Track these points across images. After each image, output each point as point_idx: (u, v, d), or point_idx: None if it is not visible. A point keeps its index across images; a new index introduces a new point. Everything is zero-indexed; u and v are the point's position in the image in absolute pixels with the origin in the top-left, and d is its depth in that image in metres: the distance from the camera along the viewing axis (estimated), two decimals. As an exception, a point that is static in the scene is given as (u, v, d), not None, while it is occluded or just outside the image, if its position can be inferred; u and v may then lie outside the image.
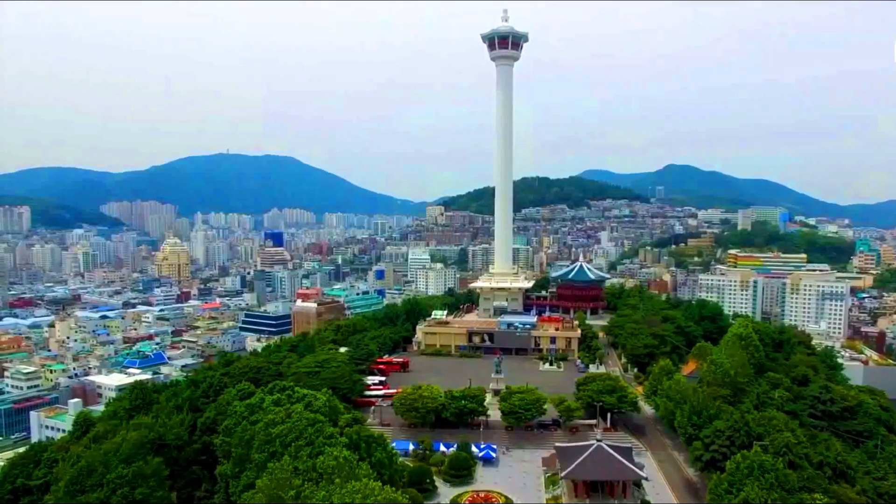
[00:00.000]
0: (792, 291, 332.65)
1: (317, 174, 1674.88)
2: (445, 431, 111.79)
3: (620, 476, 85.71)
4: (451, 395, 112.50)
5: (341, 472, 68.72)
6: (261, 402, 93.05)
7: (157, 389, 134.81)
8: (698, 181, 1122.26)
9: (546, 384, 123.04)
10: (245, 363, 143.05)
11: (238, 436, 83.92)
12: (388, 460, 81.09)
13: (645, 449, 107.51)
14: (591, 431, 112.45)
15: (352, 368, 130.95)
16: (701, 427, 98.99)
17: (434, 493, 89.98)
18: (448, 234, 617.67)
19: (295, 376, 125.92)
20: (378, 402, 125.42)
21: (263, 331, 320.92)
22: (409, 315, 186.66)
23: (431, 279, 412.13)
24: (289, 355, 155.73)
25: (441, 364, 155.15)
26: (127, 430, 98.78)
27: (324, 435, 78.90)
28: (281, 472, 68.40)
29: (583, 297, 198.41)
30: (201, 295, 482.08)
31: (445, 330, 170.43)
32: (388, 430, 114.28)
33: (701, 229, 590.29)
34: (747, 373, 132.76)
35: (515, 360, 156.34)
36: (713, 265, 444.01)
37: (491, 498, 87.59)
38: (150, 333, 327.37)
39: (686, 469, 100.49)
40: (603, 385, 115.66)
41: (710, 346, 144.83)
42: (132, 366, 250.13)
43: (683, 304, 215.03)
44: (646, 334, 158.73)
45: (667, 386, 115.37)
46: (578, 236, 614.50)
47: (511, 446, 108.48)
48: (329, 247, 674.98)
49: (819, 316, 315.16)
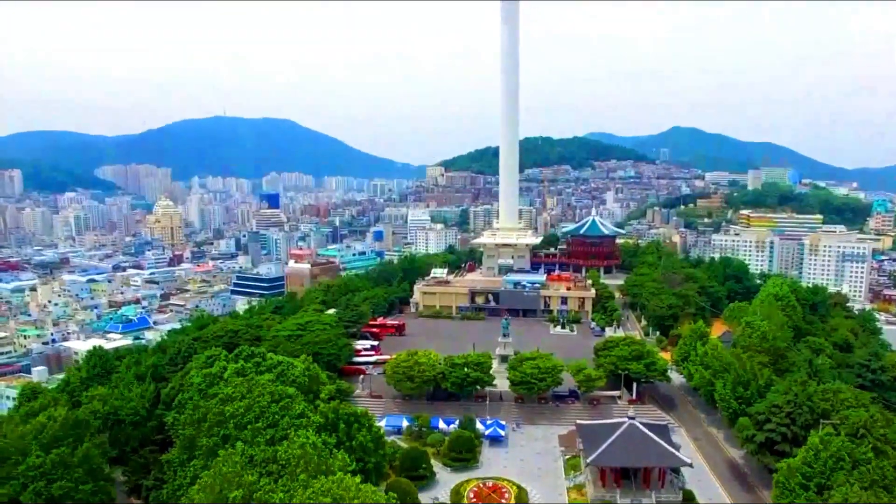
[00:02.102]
0: (810, 252, 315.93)
1: (315, 137, 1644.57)
2: (445, 405, 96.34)
3: (658, 462, 70.08)
4: (451, 361, 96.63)
5: (308, 463, 52.90)
6: (222, 372, 77.29)
7: (120, 356, 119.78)
8: (703, 144, 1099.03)
9: (558, 349, 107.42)
10: (220, 326, 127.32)
11: (188, 414, 68.30)
12: (372, 444, 65.39)
13: (677, 425, 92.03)
14: (615, 404, 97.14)
15: (339, 332, 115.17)
16: (749, 401, 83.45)
17: (431, 481, 74.53)
18: (448, 195, 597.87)
19: (273, 341, 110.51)
20: (368, 369, 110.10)
21: (255, 293, 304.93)
22: (406, 274, 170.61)
23: (432, 240, 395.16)
24: (271, 317, 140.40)
25: (441, 327, 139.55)
26: (68, 406, 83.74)
27: (292, 414, 63.02)
28: (230, 463, 52.63)
29: (596, 253, 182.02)
30: (194, 258, 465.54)
31: (446, 290, 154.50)
32: (378, 403, 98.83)
33: (709, 190, 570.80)
34: (786, 337, 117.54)
35: (523, 322, 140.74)
36: (724, 226, 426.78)
37: (500, 488, 72.12)
38: (136, 297, 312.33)
39: (728, 449, 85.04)
40: (628, 350, 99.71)
41: (746, 306, 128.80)
42: (114, 331, 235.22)
43: (704, 262, 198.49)
44: (668, 294, 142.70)
45: (702, 352, 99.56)
46: (582, 197, 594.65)
47: (522, 422, 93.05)
48: (326, 209, 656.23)
49: (839, 278, 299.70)
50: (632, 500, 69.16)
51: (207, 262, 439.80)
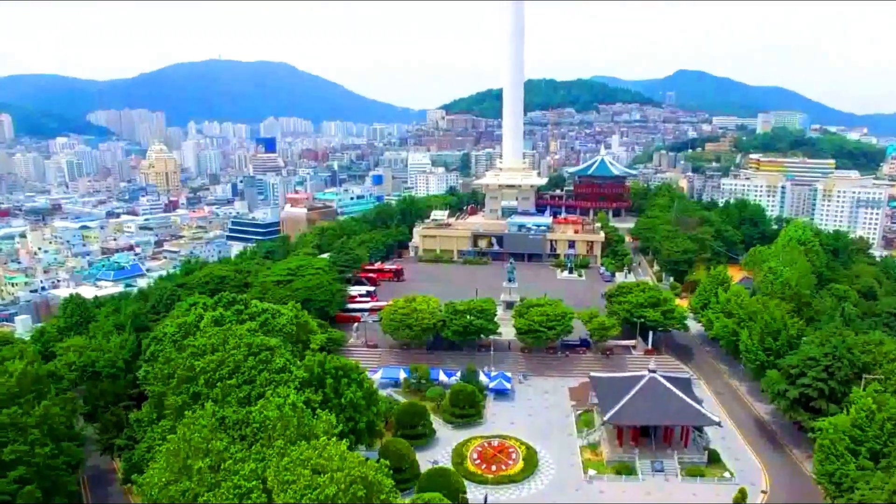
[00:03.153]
0: (824, 198, 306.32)
1: (314, 81, 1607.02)
2: (446, 355, 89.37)
3: (683, 420, 63.25)
4: (452, 308, 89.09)
5: (286, 427, 45.66)
6: (198, 321, 69.67)
7: (100, 304, 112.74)
8: (710, 87, 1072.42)
9: (566, 296, 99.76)
10: (207, 272, 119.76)
11: (158, 368, 60.96)
12: (364, 401, 58.17)
13: (696, 377, 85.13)
14: (629, 354, 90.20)
15: (332, 277, 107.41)
16: (778, 353, 76.17)
17: (430, 440, 67.92)
18: (450, 139, 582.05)
19: (261, 287, 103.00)
20: (363, 317, 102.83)
21: (251, 239, 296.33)
22: (405, 217, 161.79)
23: (432, 184, 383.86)
24: (262, 263, 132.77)
25: (441, 272, 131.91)
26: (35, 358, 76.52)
27: (272, 368, 55.52)
28: (196, 427, 45.39)
29: (604, 195, 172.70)
30: (190, 204, 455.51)
31: (446, 233, 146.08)
32: (374, 353, 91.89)
33: (716, 135, 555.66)
34: (810, 284, 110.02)
35: (528, 267, 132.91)
36: (733, 170, 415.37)
37: (506, 448, 65.49)
38: (130, 244, 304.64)
39: (753, 404, 78.30)
40: (643, 296, 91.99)
41: (767, 250, 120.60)
42: (105, 278, 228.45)
43: (718, 206, 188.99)
44: (682, 238, 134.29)
45: (723, 299, 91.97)
46: (587, 141, 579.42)
47: (529, 374, 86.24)
48: (325, 153, 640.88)
49: (853, 224, 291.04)
50: (652, 462, 62.65)
51: (203, 208, 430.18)
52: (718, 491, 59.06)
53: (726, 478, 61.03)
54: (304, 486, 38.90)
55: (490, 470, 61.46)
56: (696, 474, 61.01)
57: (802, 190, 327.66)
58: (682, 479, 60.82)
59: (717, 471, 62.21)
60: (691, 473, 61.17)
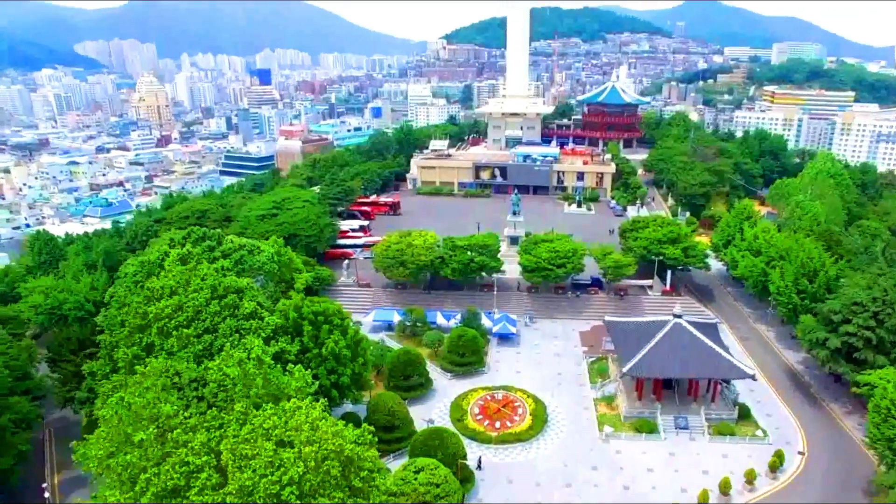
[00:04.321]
0: (842, 132, 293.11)
1: (311, 12, 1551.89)
2: (445, 296, 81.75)
3: (714, 373, 55.66)
4: (451, 244, 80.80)
5: (248, 387, 38.03)
6: (162, 260, 61.37)
7: (71, 242, 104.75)
8: (721, 17, 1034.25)
9: (574, 231, 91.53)
10: (188, 206, 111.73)
11: (111, 314, 53.17)
12: (348, 350, 50.48)
13: (719, 321, 77.37)
14: (646, 295, 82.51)
15: (321, 210, 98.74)
16: (815, 296, 68.20)
17: (426, 391, 60.78)
18: (451, 70, 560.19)
19: (244, 222, 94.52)
20: (355, 253, 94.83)
21: (245, 173, 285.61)
22: (403, 147, 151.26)
23: (433, 116, 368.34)
24: (248, 196, 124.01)
25: (441, 205, 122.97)
26: None
27: (241, 314, 47.60)
28: (139, 387, 37.77)
29: (615, 125, 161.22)
30: (183, 139, 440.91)
31: (447, 164, 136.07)
32: (366, 293, 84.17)
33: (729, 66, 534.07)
34: (839, 220, 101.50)
35: (533, 200, 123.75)
36: (745, 103, 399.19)
37: (511, 401, 58.29)
38: (120, 180, 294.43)
39: (783, 353, 70.83)
40: (661, 232, 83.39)
41: (795, 182, 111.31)
42: (92, 215, 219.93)
43: (736, 137, 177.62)
44: (700, 170, 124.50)
45: (750, 236, 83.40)
46: (593, 72, 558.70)
47: (536, 316, 78.68)
48: (322, 85, 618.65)
49: (872, 159, 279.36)
50: (675, 418, 55.56)
51: (196, 143, 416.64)
52: (751, 452, 52.13)
53: (759, 437, 54.01)
54: (266, 463, 31.44)
55: (493, 427, 54.44)
56: (726, 433, 53.97)
57: (819, 124, 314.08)
58: (709, 438, 53.85)
59: (748, 428, 55.16)
60: (720, 432, 54.14)
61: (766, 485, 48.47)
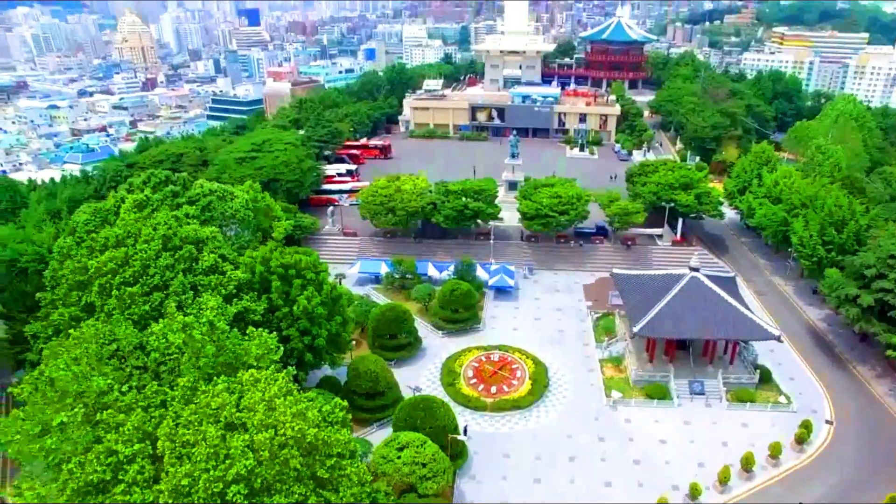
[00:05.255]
0: (856, 75, 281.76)
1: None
2: (438, 245, 75.47)
3: (735, 334, 49.83)
4: (445, 188, 74.08)
5: (196, 356, 32.06)
6: (118, 206, 54.67)
7: (34, 188, 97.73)
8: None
9: (576, 176, 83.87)
10: (163, 149, 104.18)
11: (52, 269, 46.81)
12: (323, 308, 44.35)
13: (733, 273, 71.50)
14: (655, 245, 76.32)
15: (304, 153, 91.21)
16: (842, 248, 62.07)
17: (414, 351, 55.07)
18: (447, 10, 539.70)
19: (220, 165, 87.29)
20: (341, 200, 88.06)
21: (233, 118, 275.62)
22: (395, 87, 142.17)
23: (429, 57, 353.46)
24: (230, 138, 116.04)
25: (435, 149, 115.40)
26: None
27: (199, 268, 41.30)
28: (68, 359, 31.77)
29: (620, 64, 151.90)
30: (169, 82, 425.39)
31: (441, 105, 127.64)
32: (352, 243, 77.82)
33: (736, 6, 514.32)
34: (862, 166, 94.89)
35: (534, 144, 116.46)
36: (754, 45, 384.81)
37: (509, 363, 52.74)
38: (103, 125, 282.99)
39: (804, 310, 65.08)
40: (673, 177, 76.61)
41: (816, 125, 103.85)
42: (73, 161, 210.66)
43: (748, 78, 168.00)
44: (711, 111, 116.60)
45: (769, 182, 76.68)
46: (594, 13, 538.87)
47: (536, 267, 72.68)
48: (314, 26, 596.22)
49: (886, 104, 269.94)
50: (690, 382, 50.19)
51: (183, 87, 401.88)
52: (774, 420, 47.01)
53: (782, 404, 48.80)
54: (209, 454, 25.65)
55: (489, 392, 49.05)
56: (745, 399, 48.71)
57: (831, 67, 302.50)
58: (727, 404, 48.61)
59: (769, 394, 49.91)
60: (739, 398, 48.88)
61: (792, 458, 43.46)
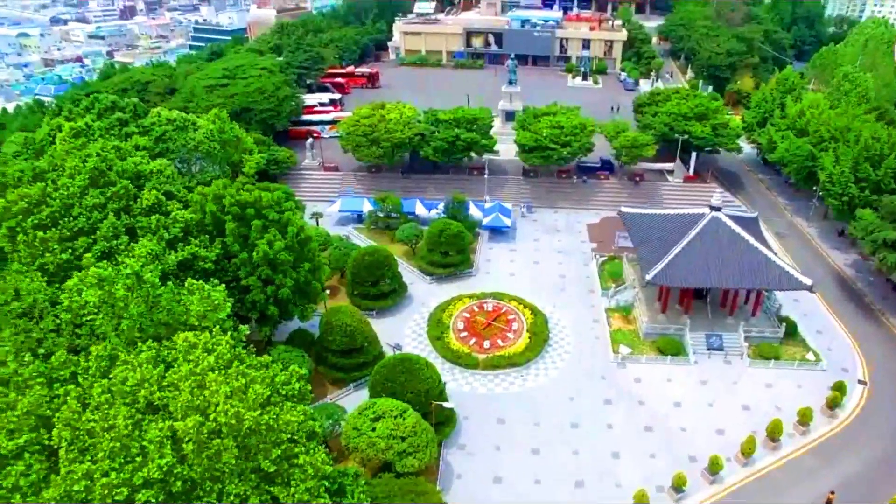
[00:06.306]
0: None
1: None
2: (427, 181, 68.55)
3: (759, 281, 43.83)
4: (434, 118, 66.64)
5: (119, 319, 25.92)
6: (53, 135, 47.43)
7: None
8: None
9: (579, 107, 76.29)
10: (127, 77, 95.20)
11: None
12: (288, 254, 37.87)
13: (752, 214, 65.17)
14: (665, 182, 69.60)
15: (281, 80, 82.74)
16: (878, 186, 55.57)
17: (398, 299, 49.10)
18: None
19: (187, 92, 79.11)
20: (322, 132, 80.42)
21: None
22: (383, 11, 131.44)
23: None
24: (203, 65, 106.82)
25: (427, 77, 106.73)
26: None
27: (134, 209, 34.66)
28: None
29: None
30: (150, 10, 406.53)
31: (434, 30, 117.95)
32: (333, 178, 70.80)
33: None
34: (892, 96, 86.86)
35: (533, 72, 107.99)
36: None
37: (504, 313, 46.91)
38: (77, 55, 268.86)
39: (829, 254, 59.02)
40: (686, 106, 69.20)
41: (843, 50, 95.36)
42: (44, 94, 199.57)
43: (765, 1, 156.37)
44: (726, 36, 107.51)
45: (794, 112, 69.36)
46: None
47: (535, 205, 66.14)
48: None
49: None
50: (707, 337, 44.66)
51: (165, 15, 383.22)
52: (801, 380, 41.76)
53: (810, 361, 43.44)
54: (115, 447, 19.85)
55: (481, 347, 43.47)
56: (769, 356, 43.31)
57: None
58: (748, 362, 43.23)
59: (796, 349, 44.49)
60: (762, 354, 43.48)
61: (823, 424, 38.41)
